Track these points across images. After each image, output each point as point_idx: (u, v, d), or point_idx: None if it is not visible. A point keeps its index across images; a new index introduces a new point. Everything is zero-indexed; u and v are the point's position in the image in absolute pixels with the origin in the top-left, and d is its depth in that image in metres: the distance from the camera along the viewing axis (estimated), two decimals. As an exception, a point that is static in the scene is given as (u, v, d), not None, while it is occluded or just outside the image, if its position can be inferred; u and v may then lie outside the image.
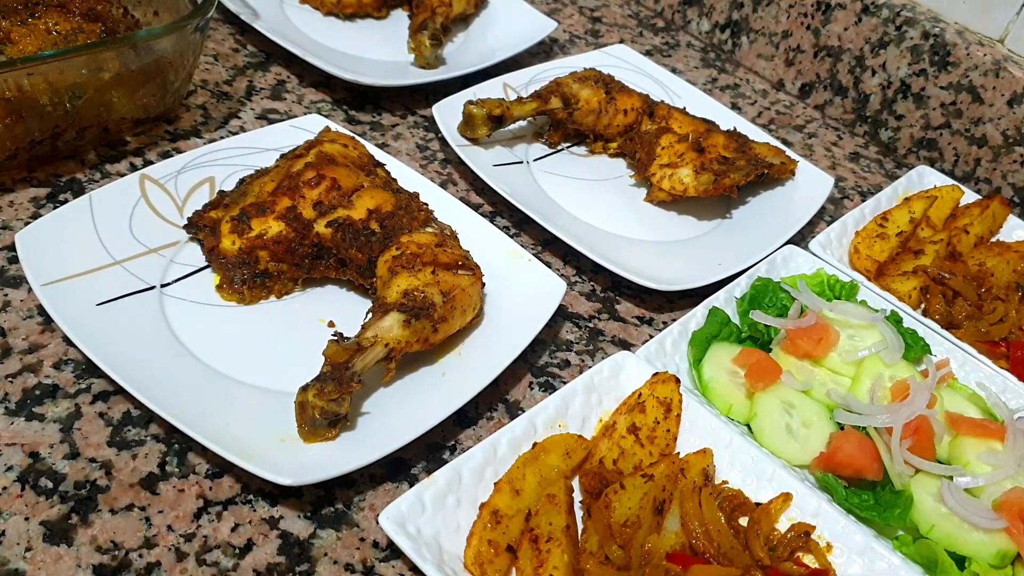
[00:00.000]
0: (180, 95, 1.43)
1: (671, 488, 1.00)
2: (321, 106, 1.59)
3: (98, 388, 1.05)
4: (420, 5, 1.76)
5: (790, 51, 1.97)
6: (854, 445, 1.10)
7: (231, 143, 1.35)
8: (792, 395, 1.17)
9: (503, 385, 1.19)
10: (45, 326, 1.10)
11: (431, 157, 1.55)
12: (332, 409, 0.98)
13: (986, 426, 1.15)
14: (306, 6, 1.79)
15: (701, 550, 0.96)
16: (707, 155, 1.49)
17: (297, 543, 0.96)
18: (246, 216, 1.18)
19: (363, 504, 1.01)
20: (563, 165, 1.58)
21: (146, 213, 1.22)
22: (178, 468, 1.00)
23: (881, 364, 1.21)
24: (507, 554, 0.93)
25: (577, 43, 2.00)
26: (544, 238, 1.44)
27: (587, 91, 1.55)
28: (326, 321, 1.18)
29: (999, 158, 1.73)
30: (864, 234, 1.49)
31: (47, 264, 1.09)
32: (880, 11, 1.80)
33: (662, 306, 1.38)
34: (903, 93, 1.82)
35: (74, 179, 1.30)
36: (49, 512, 0.93)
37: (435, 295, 1.09)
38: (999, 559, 1.03)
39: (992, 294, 1.41)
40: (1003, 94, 1.68)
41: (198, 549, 0.93)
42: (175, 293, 1.16)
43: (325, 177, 1.21)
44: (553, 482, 0.99)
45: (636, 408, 1.09)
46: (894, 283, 1.41)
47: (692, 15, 2.13)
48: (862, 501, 1.07)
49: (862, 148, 1.89)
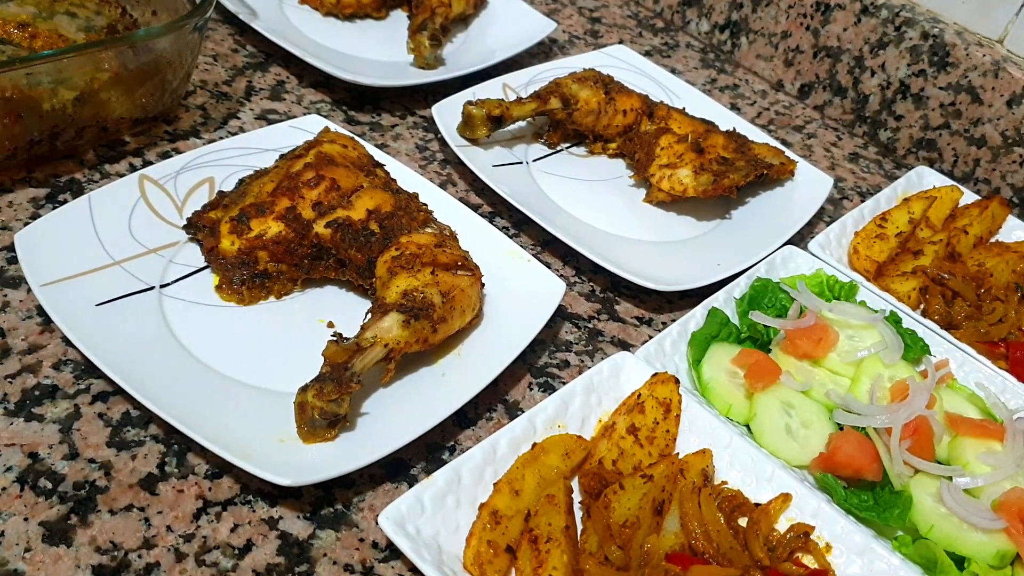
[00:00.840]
0: (179, 95, 1.43)
1: (670, 488, 1.00)
2: (320, 106, 1.59)
3: (97, 388, 1.05)
4: (419, 5, 1.76)
5: (789, 52, 1.97)
6: (853, 445, 1.10)
7: (230, 143, 1.35)
8: (791, 395, 1.17)
9: (502, 385, 1.19)
10: (44, 326, 1.10)
11: (430, 157, 1.55)
12: (331, 410, 0.98)
13: (985, 426, 1.15)
14: (305, 6, 1.79)
15: (700, 550, 0.96)
16: (706, 155, 1.49)
17: (296, 543, 0.96)
18: (245, 216, 1.18)
19: (362, 504, 1.01)
20: (562, 166, 1.58)
21: (145, 213, 1.22)
22: (177, 469, 1.00)
23: (880, 364, 1.21)
24: (506, 554, 0.93)
25: (576, 43, 2.00)
26: (543, 238, 1.44)
27: (586, 92, 1.55)
28: (325, 321, 1.18)
29: (998, 158, 1.73)
30: (863, 235, 1.49)
31: (46, 264, 1.09)
32: (879, 12, 1.80)
33: (661, 306, 1.38)
34: (902, 93, 1.83)
35: (73, 179, 1.30)
36: (48, 512, 0.92)
37: (434, 295, 1.09)
38: (998, 559, 1.03)
39: (991, 294, 1.41)
40: (1002, 95, 1.68)
41: (197, 550, 0.93)
42: (174, 293, 1.16)
43: (324, 177, 1.21)
44: (552, 482, 0.99)
45: (635, 408, 1.09)
46: (893, 283, 1.41)
47: (691, 15, 2.13)
48: (861, 501, 1.07)
49: (861, 148, 1.89)
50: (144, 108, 1.36)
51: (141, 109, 1.36)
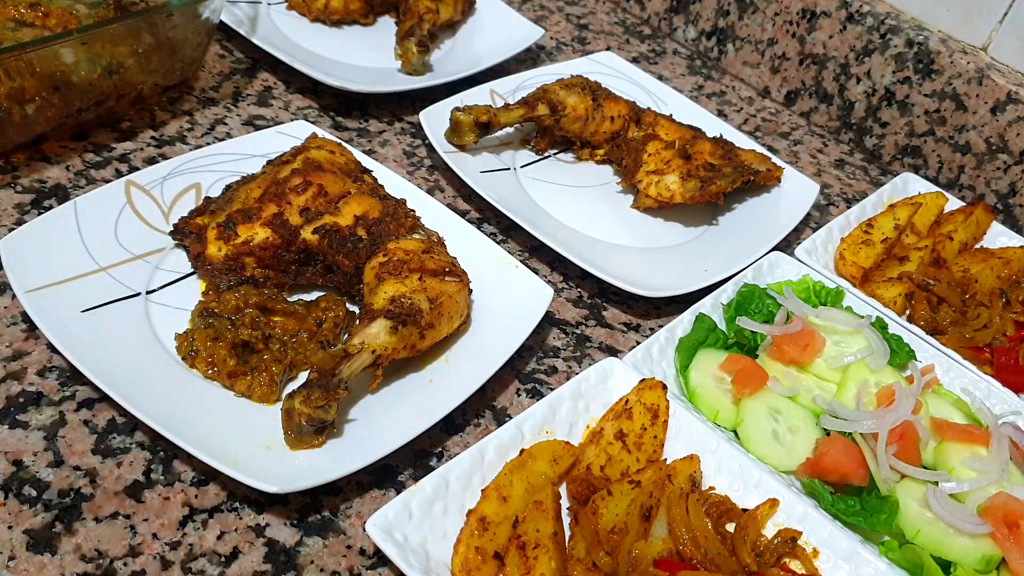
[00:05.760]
0: (200, 61, 1.52)
1: (658, 494, 1.00)
2: (308, 112, 1.59)
3: (83, 395, 1.04)
4: (407, 11, 1.77)
5: (776, 59, 1.98)
6: (840, 451, 1.10)
7: (217, 149, 1.35)
8: (778, 401, 1.17)
9: (490, 392, 1.19)
10: (29, 333, 1.09)
11: (418, 163, 1.55)
12: (319, 416, 0.98)
13: (971, 432, 1.16)
14: (293, 12, 1.79)
15: (688, 556, 0.96)
16: (693, 162, 1.49)
17: (283, 551, 0.96)
18: (232, 222, 1.17)
19: (350, 511, 1.01)
20: (550, 172, 1.58)
21: (132, 219, 1.22)
22: (163, 476, 0.99)
23: (867, 370, 1.22)
24: (494, 561, 0.93)
25: (564, 50, 2.01)
26: (531, 244, 1.44)
27: (574, 98, 1.55)
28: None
29: (982, 165, 1.74)
30: (849, 240, 1.49)
31: (31, 271, 1.08)
32: (865, 19, 1.81)
33: (649, 312, 1.39)
34: (887, 100, 1.84)
35: (59, 185, 1.30)
36: (33, 520, 0.92)
37: (422, 302, 1.09)
38: (984, 564, 1.03)
39: (976, 300, 1.42)
40: (986, 102, 1.70)
41: (183, 557, 0.93)
42: (161, 300, 1.15)
43: (312, 183, 1.21)
44: (540, 489, 0.99)
45: (623, 414, 1.09)
46: (879, 289, 1.41)
47: (678, 23, 2.14)
48: (848, 507, 1.08)
49: (847, 155, 1.90)
50: (168, 75, 1.43)
51: (165, 76, 1.42)
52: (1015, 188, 1.71)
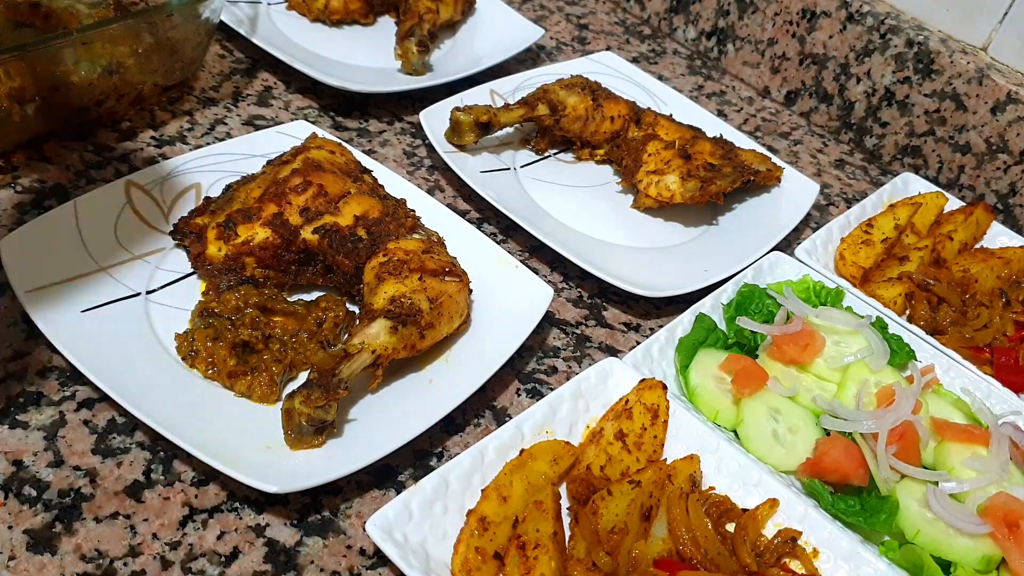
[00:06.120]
0: (200, 60, 1.52)
1: (658, 494, 1.00)
2: (308, 112, 1.59)
3: (83, 395, 1.04)
4: (407, 11, 1.76)
5: (775, 59, 1.98)
6: (840, 451, 1.10)
7: (217, 149, 1.35)
8: (778, 401, 1.17)
9: (490, 392, 1.19)
10: (29, 333, 1.09)
11: (418, 163, 1.55)
12: (319, 416, 0.98)
13: (971, 432, 1.16)
14: (293, 12, 1.79)
15: (688, 556, 0.96)
16: (693, 162, 1.49)
17: (283, 551, 0.96)
18: (232, 222, 1.17)
19: (350, 511, 1.01)
20: (550, 172, 1.58)
21: (132, 219, 1.22)
22: (163, 476, 0.99)
23: (867, 370, 1.22)
24: (494, 561, 0.93)
25: (564, 50, 2.01)
26: (531, 244, 1.44)
27: (574, 98, 1.55)
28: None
29: (982, 165, 1.74)
30: (849, 240, 1.49)
31: (31, 271, 1.08)
32: (865, 19, 1.81)
33: (649, 312, 1.39)
34: (887, 100, 1.84)
35: (59, 185, 1.30)
36: (33, 520, 0.92)
37: (422, 301, 1.09)
38: (984, 564, 1.03)
39: (976, 300, 1.42)
40: (986, 102, 1.70)
41: (183, 557, 0.93)
42: (161, 300, 1.15)
43: (312, 183, 1.21)
44: (540, 489, 0.99)
45: (623, 414, 1.09)
46: (879, 289, 1.41)
47: (678, 23, 2.14)
48: (848, 507, 1.08)
49: (847, 155, 1.90)
50: (166, 76, 1.43)
51: (165, 76, 1.43)
52: (1015, 188, 1.71)
